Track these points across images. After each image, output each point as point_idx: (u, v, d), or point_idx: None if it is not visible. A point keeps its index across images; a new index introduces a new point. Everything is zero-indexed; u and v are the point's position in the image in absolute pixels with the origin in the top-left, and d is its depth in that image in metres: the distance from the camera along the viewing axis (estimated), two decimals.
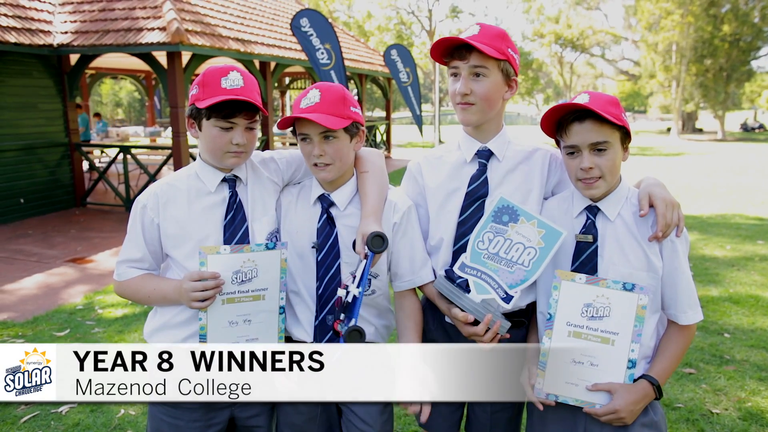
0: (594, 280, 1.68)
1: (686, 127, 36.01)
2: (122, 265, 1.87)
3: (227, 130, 1.74)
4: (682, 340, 1.76)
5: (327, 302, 1.83)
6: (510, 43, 1.81)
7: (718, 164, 17.87)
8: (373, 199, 1.81)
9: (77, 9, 9.78)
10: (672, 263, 1.70)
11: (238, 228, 1.80)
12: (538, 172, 1.91)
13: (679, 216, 1.69)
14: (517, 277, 1.71)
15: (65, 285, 5.98)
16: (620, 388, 1.67)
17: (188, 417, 1.86)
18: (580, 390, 1.70)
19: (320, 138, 1.76)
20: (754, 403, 3.48)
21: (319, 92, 1.75)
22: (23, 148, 9.10)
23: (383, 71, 16.90)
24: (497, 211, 1.74)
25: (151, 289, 1.82)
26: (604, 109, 1.63)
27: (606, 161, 1.67)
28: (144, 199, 1.84)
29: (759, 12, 30.16)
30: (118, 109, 48.29)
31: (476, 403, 2.02)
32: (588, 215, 1.75)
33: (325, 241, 1.82)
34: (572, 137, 1.69)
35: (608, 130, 1.66)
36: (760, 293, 5.47)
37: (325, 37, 10.14)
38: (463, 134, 1.96)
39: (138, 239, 1.84)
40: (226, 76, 1.72)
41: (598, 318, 1.67)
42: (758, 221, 9.05)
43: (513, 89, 1.87)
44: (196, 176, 1.85)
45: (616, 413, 1.65)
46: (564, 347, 1.70)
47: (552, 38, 40.36)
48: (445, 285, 1.78)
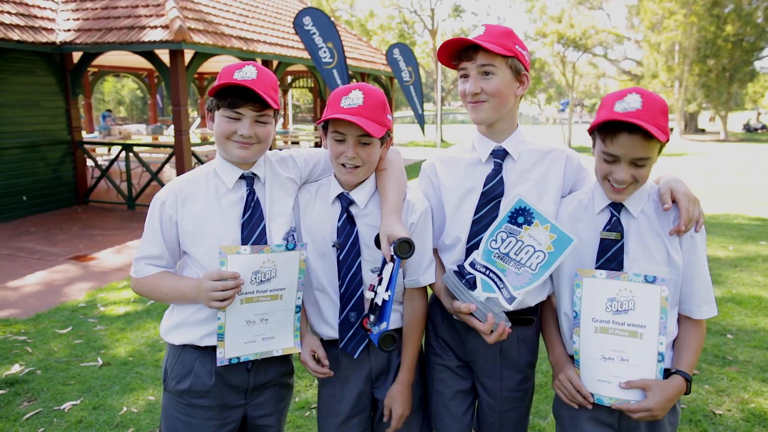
0: (615, 274, 1.68)
1: (689, 128, 35.95)
2: (140, 262, 1.85)
3: (234, 120, 1.74)
4: (699, 335, 1.76)
5: (349, 300, 1.84)
6: (517, 40, 1.80)
7: (720, 165, 17.84)
8: (393, 198, 1.81)
9: (80, 7, 9.78)
10: (691, 258, 1.70)
11: (255, 227, 1.80)
12: (554, 173, 1.90)
13: (700, 211, 1.70)
14: (523, 280, 1.71)
15: (67, 282, 5.99)
16: (654, 385, 1.65)
17: (203, 415, 1.86)
18: (613, 387, 1.69)
19: (356, 141, 1.76)
20: (757, 404, 3.47)
21: (362, 94, 1.74)
22: (26, 146, 9.11)
23: (385, 70, 16.88)
24: (513, 212, 1.74)
25: (170, 287, 1.81)
26: (655, 122, 1.56)
27: (642, 173, 1.65)
28: (163, 196, 1.83)
29: (762, 12, 30.08)
30: (120, 107, 48.32)
31: (485, 403, 2.02)
32: (612, 212, 1.74)
33: (345, 240, 1.82)
34: (617, 147, 1.61)
35: (654, 144, 1.61)
36: (763, 294, 5.46)
37: (327, 35, 10.13)
38: (478, 134, 1.95)
39: (156, 236, 1.82)
40: (240, 69, 1.72)
41: (624, 312, 1.67)
42: (761, 222, 9.04)
43: (525, 84, 1.86)
44: (214, 173, 1.84)
45: (650, 411, 1.64)
46: (591, 344, 1.70)
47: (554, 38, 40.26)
48: (452, 280, 1.79)
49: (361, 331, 1.85)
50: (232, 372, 1.86)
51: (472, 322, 1.75)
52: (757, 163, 18.45)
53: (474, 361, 1.97)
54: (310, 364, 1.89)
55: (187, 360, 1.86)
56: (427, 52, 37.57)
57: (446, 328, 1.99)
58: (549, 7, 43.77)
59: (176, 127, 9.14)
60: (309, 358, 1.89)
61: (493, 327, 1.71)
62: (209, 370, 1.84)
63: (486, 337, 1.73)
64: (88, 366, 4.06)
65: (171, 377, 1.89)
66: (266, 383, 1.94)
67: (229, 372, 1.86)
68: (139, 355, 4.22)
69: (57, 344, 4.42)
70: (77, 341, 4.48)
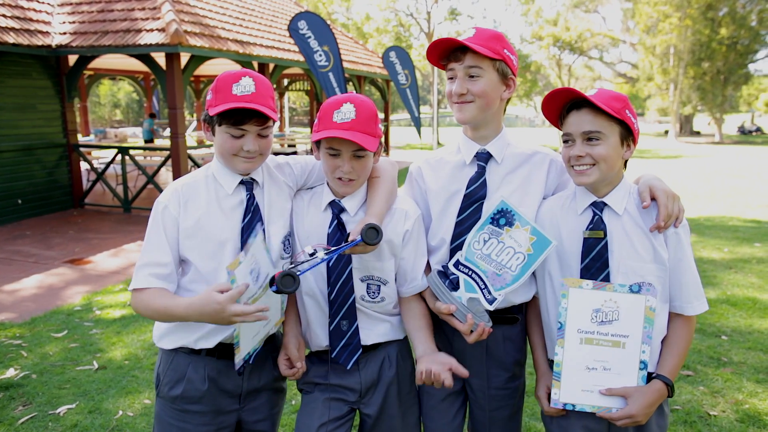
0: (600, 285, 1.69)
1: (684, 130, 36.10)
2: (143, 271, 1.75)
3: (238, 137, 1.73)
4: (687, 334, 1.77)
5: (340, 308, 1.84)
6: (506, 44, 1.83)
7: (715, 167, 17.92)
8: (379, 204, 1.81)
9: (76, 10, 9.77)
10: (677, 254, 1.72)
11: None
12: (537, 175, 1.92)
13: (680, 208, 1.72)
14: (503, 281, 1.74)
15: (63, 286, 5.97)
16: (635, 392, 1.68)
17: (197, 421, 1.86)
18: (595, 396, 1.71)
19: (351, 155, 1.76)
20: (752, 405, 3.49)
21: (354, 107, 1.72)
22: (21, 149, 9.09)
23: (382, 73, 16.92)
24: (496, 213, 1.76)
25: (184, 306, 1.66)
26: (605, 101, 1.65)
27: (598, 151, 1.68)
28: (165, 200, 1.79)
29: (756, 15, 30.27)
30: (116, 110, 48.23)
31: (473, 402, 2.03)
32: (594, 211, 1.76)
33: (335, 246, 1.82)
34: (568, 126, 1.73)
35: (604, 121, 1.67)
36: (758, 295, 5.48)
37: (323, 39, 10.14)
38: (463, 137, 1.97)
39: (161, 241, 1.76)
40: (237, 82, 1.69)
41: (608, 322, 1.69)
42: (755, 224, 9.08)
43: (511, 88, 1.89)
44: (213, 178, 1.84)
45: (632, 417, 1.66)
46: (576, 355, 1.71)
47: (550, 41, 40.41)
48: (434, 281, 1.82)
49: (354, 340, 1.85)
50: (225, 377, 1.85)
51: (453, 322, 1.78)
52: (752, 165, 18.55)
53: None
54: (282, 368, 1.91)
55: (180, 365, 1.85)
56: (423, 55, 37.69)
57: (434, 329, 2.00)
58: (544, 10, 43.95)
59: (172, 130, 9.13)
60: (282, 362, 1.91)
61: (473, 327, 1.74)
62: (202, 375, 1.83)
63: (466, 337, 1.76)
64: (83, 370, 4.05)
65: (164, 383, 1.88)
66: (260, 388, 1.93)
67: (223, 377, 1.85)
68: (135, 359, 4.21)
69: (52, 348, 4.41)
70: (73, 345, 4.47)
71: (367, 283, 1.86)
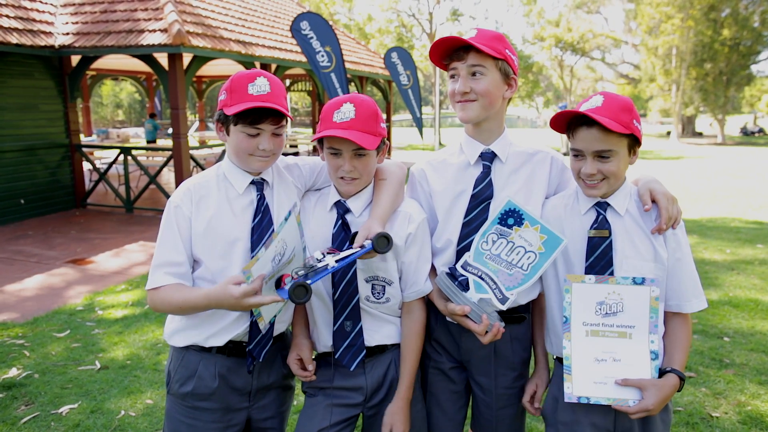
0: (603, 278, 1.71)
1: (686, 131, 36.05)
2: (158, 271, 1.78)
3: (254, 136, 1.75)
4: (689, 331, 1.80)
5: (344, 308, 1.84)
6: (507, 44, 1.84)
7: (717, 168, 17.89)
8: (384, 206, 1.82)
9: (78, 10, 9.80)
10: (676, 254, 1.75)
11: (265, 230, 1.81)
12: (540, 174, 1.94)
13: (678, 210, 1.77)
14: (514, 280, 1.74)
15: (65, 286, 5.99)
16: (651, 385, 1.68)
17: (207, 418, 1.87)
18: (609, 388, 1.72)
19: (352, 154, 1.77)
20: (754, 406, 3.48)
21: (353, 107, 1.74)
22: (24, 149, 9.11)
23: (384, 74, 16.92)
24: (503, 213, 1.77)
25: (202, 296, 1.69)
26: (614, 116, 1.65)
27: (609, 167, 1.71)
28: (177, 200, 1.81)
29: (759, 16, 30.22)
30: (118, 110, 48.30)
31: (481, 401, 2.03)
32: (598, 211, 1.78)
33: (339, 247, 1.82)
34: (578, 142, 1.73)
35: (615, 138, 1.68)
36: (760, 297, 5.47)
37: (325, 39, 10.15)
38: (466, 137, 1.97)
39: (176, 240, 1.78)
40: (253, 82, 1.72)
41: (613, 314, 1.72)
42: (757, 225, 9.06)
43: (513, 88, 1.90)
44: (224, 177, 1.85)
45: (648, 412, 1.67)
46: (583, 348, 1.73)
47: (552, 41, 40.42)
48: (445, 282, 1.81)
49: (358, 341, 1.85)
50: (235, 374, 1.87)
51: (467, 324, 1.77)
52: (754, 166, 18.51)
53: (469, 361, 2.00)
54: (294, 368, 1.93)
55: (191, 362, 1.86)
56: (425, 56, 37.70)
57: (441, 330, 2.00)
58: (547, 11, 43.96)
59: (174, 130, 9.15)
60: (293, 362, 1.93)
61: (488, 328, 1.74)
62: (213, 372, 1.85)
63: (481, 337, 1.76)
64: (85, 369, 4.06)
65: (174, 380, 1.89)
66: (269, 385, 1.95)
67: (233, 374, 1.87)
68: (137, 359, 4.22)
69: (55, 348, 4.42)
70: (75, 345, 4.48)
71: (372, 284, 1.87)
